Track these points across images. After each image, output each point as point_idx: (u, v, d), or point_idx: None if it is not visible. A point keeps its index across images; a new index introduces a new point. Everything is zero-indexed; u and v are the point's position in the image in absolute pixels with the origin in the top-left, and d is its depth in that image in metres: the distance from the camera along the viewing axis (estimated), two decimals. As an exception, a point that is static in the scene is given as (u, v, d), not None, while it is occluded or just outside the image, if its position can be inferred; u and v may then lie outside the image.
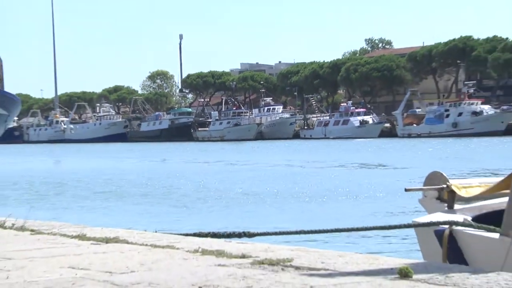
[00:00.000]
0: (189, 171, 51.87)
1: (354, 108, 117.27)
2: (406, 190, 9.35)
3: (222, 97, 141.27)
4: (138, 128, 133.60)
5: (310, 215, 25.32)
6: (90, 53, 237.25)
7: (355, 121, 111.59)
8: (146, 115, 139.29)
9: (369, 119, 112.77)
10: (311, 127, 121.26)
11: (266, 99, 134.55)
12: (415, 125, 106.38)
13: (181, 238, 6.08)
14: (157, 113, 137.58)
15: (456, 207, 7.82)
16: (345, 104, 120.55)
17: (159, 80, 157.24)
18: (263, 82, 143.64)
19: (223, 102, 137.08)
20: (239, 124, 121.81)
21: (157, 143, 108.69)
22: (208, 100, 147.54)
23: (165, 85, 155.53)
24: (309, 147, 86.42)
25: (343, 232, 8.83)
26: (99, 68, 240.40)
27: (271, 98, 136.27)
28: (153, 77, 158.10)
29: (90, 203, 32.16)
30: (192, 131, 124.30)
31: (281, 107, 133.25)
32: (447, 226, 7.23)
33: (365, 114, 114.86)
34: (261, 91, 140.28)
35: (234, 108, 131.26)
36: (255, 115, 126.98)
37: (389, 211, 24.10)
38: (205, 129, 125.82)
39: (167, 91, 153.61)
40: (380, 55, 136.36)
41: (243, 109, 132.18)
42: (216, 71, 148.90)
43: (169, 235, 6.46)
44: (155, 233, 6.60)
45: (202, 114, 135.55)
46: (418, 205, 8.63)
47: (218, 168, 54.44)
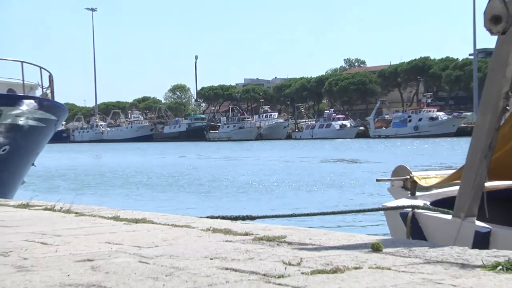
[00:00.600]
0: (203, 165, 51.87)
1: (335, 114, 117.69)
2: (377, 180, 9.40)
3: (229, 106, 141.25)
4: (161, 130, 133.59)
5: (300, 200, 25.27)
6: (123, 69, 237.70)
7: (336, 125, 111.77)
8: (168, 120, 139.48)
9: (347, 123, 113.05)
10: (300, 130, 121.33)
11: (265, 107, 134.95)
12: (384, 128, 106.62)
13: (196, 219, 6.07)
14: (177, 118, 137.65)
15: (417, 194, 7.80)
16: (328, 111, 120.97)
17: (179, 92, 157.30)
18: (262, 94, 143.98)
19: (230, 109, 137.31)
20: (243, 127, 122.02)
21: (176, 143, 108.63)
22: (218, 108, 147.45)
23: (183, 96, 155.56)
24: (299, 146, 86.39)
25: (327, 215, 8.82)
26: (130, 81, 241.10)
27: (269, 106, 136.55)
28: (173, 89, 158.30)
29: (123, 190, 32.16)
30: (205, 133, 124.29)
31: (277, 113, 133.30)
32: (410, 210, 7.21)
33: (344, 119, 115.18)
34: (260, 101, 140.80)
35: (239, 115, 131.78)
36: (255, 120, 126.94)
37: (363, 198, 24.06)
38: (216, 131, 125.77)
39: (185, 101, 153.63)
40: (356, 72, 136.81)
41: (246, 115, 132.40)
42: (224, 85, 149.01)
43: (186, 217, 6.46)
44: (175, 215, 6.59)
45: (213, 119, 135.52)
46: (387, 193, 8.62)
47: (226, 163, 54.42)
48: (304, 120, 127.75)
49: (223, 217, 6.50)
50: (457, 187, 6.76)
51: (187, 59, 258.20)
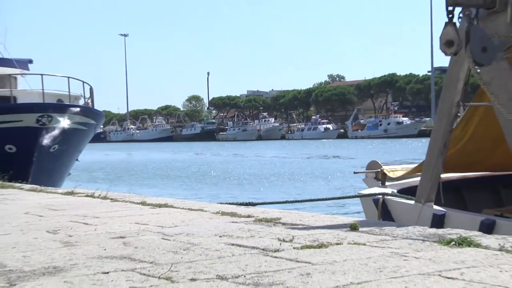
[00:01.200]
0: (213, 160, 51.88)
1: (320, 119, 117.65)
2: (355, 173, 9.41)
3: (234, 112, 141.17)
4: (180, 132, 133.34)
5: (293, 189, 25.29)
6: (149, 82, 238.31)
7: (321, 128, 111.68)
8: (185, 124, 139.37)
9: (330, 126, 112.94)
10: (292, 132, 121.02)
11: (263, 114, 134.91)
12: (360, 130, 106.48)
13: (208, 204, 6.07)
14: (192, 123, 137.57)
15: (387, 184, 7.80)
16: (315, 117, 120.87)
17: (194, 101, 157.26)
18: (261, 103, 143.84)
19: (235, 115, 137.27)
20: (245, 130, 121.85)
21: (192, 142, 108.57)
22: (226, 114, 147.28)
23: (197, 105, 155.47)
24: (291, 145, 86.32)
25: (314, 201, 8.82)
26: (155, 92, 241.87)
27: (267, 113, 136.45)
28: (190, 99, 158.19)
29: (150, 181, 32.16)
30: (215, 134, 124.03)
31: (273, 119, 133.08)
32: (380, 196, 7.21)
33: (327, 123, 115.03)
34: (260, 108, 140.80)
35: (243, 120, 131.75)
36: (256, 124, 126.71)
37: (343, 187, 24.03)
38: (224, 133, 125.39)
39: (199, 108, 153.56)
40: (337, 85, 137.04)
41: (248, 120, 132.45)
42: (231, 95, 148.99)
43: (200, 202, 6.46)
44: (191, 201, 6.59)
45: (221, 123, 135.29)
46: (362, 183, 8.60)
47: (232, 159, 54.41)
48: (295, 124, 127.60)
49: (230, 203, 6.50)
50: (419, 178, 6.77)
51: (201, 74, 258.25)
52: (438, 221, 5.86)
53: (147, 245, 3.85)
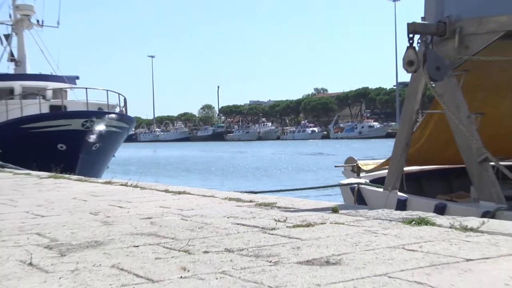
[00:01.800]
0: (222, 156, 51.92)
1: (308, 124, 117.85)
2: (335, 166, 9.41)
3: (239, 118, 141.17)
4: (196, 134, 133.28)
5: (287, 180, 25.30)
6: (171, 93, 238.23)
7: (309, 130, 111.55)
8: (200, 127, 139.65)
9: (316, 129, 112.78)
10: (285, 134, 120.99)
11: (263, 119, 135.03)
12: (339, 132, 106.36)
13: (218, 192, 6.06)
14: (206, 126, 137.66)
15: (361, 175, 7.80)
16: (303, 122, 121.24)
17: (207, 109, 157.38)
18: (261, 110, 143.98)
19: (240, 120, 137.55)
20: (248, 132, 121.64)
21: (205, 142, 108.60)
22: (232, 119, 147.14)
23: (210, 112, 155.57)
24: (284, 144, 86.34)
25: (303, 190, 8.81)
26: (176, 101, 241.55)
27: (265, 118, 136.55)
28: (204, 107, 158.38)
29: (172, 173, 32.23)
30: (224, 135, 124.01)
31: (270, 123, 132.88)
32: (356, 185, 7.21)
33: (313, 127, 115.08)
34: (260, 115, 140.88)
35: (246, 124, 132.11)
36: (256, 128, 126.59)
37: (326, 178, 24.05)
38: (231, 134, 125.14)
39: (211, 115, 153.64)
40: (321, 96, 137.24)
41: (250, 124, 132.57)
42: (236, 104, 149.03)
43: (212, 190, 6.45)
44: (205, 189, 6.58)
45: (229, 127, 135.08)
46: (341, 174, 8.58)
47: (237, 155, 54.45)
48: (288, 128, 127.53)
49: (236, 191, 6.50)
50: (386, 171, 6.77)
51: (212, 87, 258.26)
52: (402, 205, 5.86)
53: (169, 224, 3.85)
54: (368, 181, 7.36)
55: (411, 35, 5.73)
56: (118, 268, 2.59)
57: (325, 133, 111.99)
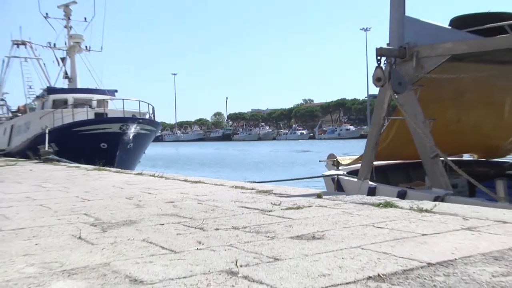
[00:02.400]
0: (230, 153, 51.90)
1: (298, 127, 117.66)
2: (320, 161, 9.32)
3: (243, 123, 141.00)
4: (209, 135, 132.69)
5: (282, 172, 25.25)
6: (190, 102, 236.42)
7: (298, 132, 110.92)
8: (212, 130, 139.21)
9: (304, 132, 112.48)
10: (280, 135, 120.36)
11: (262, 124, 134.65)
12: (323, 134, 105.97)
13: (227, 181, 6.05)
14: (217, 129, 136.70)
15: (340, 168, 7.76)
16: (294, 126, 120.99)
17: (218, 115, 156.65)
18: (260, 117, 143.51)
19: (244, 125, 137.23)
20: (250, 134, 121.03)
21: (216, 142, 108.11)
22: (238, 124, 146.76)
23: (220, 118, 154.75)
24: (279, 144, 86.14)
25: (294, 180, 8.76)
26: (193, 108, 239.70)
27: (264, 123, 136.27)
28: (215, 114, 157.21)
29: (190, 166, 32.14)
30: (231, 137, 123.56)
31: (268, 127, 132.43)
32: (336, 176, 7.18)
33: (302, 130, 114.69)
34: (260, 120, 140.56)
35: (248, 128, 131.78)
36: (257, 130, 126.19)
37: (313, 170, 23.98)
38: (237, 136, 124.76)
39: (221, 120, 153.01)
40: (308, 105, 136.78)
41: (252, 128, 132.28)
42: (241, 112, 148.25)
43: (222, 180, 6.44)
44: (216, 179, 6.57)
45: (235, 130, 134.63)
46: (324, 168, 8.57)
47: (242, 152, 54.39)
48: (282, 130, 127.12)
49: (240, 181, 6.49)
50: (359, 164, 6.74)
51: (222, 98, 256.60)
52: (372, 192, 5.84)
53: (188, 207, 3.84)
54: (345, 172, 7.33)
55: (378, 57, 5.74)
56: (147, 242, 2.59)
57: (311, 134, 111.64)
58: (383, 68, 5.77)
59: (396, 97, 5.74)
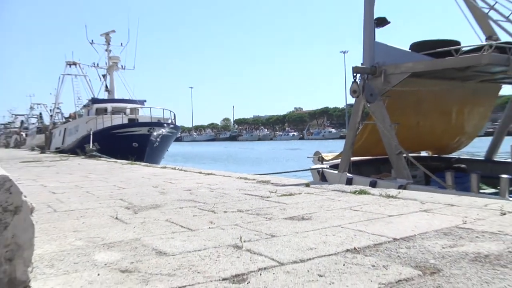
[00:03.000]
0: (235, 151, 51.80)
1: (290, 130, 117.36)
2: (308, 157, 9.28)
3: (247, 127, 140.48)
4: (219, 136, 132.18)
5: (278, 166, 25.21)
6: (203, 109, 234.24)
7: (290, 134, 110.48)
8: (221, 132, 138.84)
9: (295, 134, 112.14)
10: (276, 137, 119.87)
11: (262, 127, 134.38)
12: (310, 136, 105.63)
13: (233, 173, 6.03)
14: (225, 132, 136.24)
15: (324, 163, 7.74)
16: (287, 129, 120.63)
17: (226, 120, 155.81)
18: (260, 122, 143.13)
19: (247, 128, 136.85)
20: (252, 135, 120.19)
21: (225, 142, 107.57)
22: (242, 127, 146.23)
23: (228, 123, 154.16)
24: (275, 143, 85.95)
25: (287, 172, 8.73)
26: (205, 115, 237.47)
27: (263, 127, 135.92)
28: (224, 120, 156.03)
29: (203, 161, 32.06)
30: (237, 138, 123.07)
31: (266, 130, 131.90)
32: (321, 169, 7.17)
33: (293, 132, 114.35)
34: (259, 124, 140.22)
35: (250, 131, 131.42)
36: (257, 132, 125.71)
37: (302, 164, 23.93)
38: (241, 137, 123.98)
39: (228, 124, 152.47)
40: (298, 112, 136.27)
41: (253, 130, 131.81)
42: (245, 118, 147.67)
43: (229, 172, 6.41)
44: (224, 171, 6.54)
45: (240, 132, 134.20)
46: (311, 162, 8.54)
47: (245, 150, 54.33)
48: (277, 132, 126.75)
49: (244, 173, 6.46)
50: (339, 160, 6.73)
51: (229, 106, 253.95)
52: (349, 182, 5.83)
53: (202, 194, 3.82)
54: (328, 166, 7.32)
55: (354, 74, 5.77)
56: (169, 221, 2.57)
57: (301, 136, 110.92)
58: (358, 82, 5.78)
59: (369, 105, 5.75)
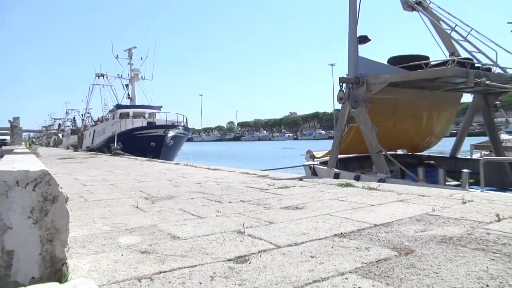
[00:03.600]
0: (239, 150, 51.71)
1: (286, 131, 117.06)
2: (301, 155, 9.25)
3: (248, 129, 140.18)
4: (224, 137, 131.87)
5: (275, 162, 25.14)
6: (210, 114, 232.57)
7: (286, 135, 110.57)
8: (227, 133, 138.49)
9: (290, 134, 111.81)
10: (273, 137, 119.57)
11: (261, 129, 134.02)
12: (303, 136, 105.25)
13: (236, 169, 6.01)
14: (230, 133, 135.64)
15: (315, 160, 7.73)
16: (283, 131, 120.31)
17: (230, 123, 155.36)
18: (260, 125, 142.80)
19: (249, 130, 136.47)
20: (253, 136, 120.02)
21: (230, 142, 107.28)
22: (244, 129, 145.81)
23: (232, 125, 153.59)
24: (273, 143, 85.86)
25: (284, 168, 8.70)
26: (213, 118, 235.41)
27: (262, 129, 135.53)
28: (229, 123, 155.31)
29: (211, 158, 32.01)
30: (240, 138, 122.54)
31: (265, 131, 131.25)
32: (312, 165, 7.15)
33: (289, 133, 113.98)
34: (260, 127, 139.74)
35: (252, 132, 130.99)
36: (257, 134, 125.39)
37: (296, 161, 23.84)
38: (244, 137, 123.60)
39: (233, 127, 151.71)
40: (293, 116, 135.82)
41: (254, 132, 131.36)
42: (246, 121, 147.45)
43: (233, 168, 6.38)
44: (229, 167, 6.51)
45: (242, 134, 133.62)
46: (304, 159, 8.52)
47: (247, 148, 54.22)
48: (275, 134, 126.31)
49: (246, 169, 6.44)
50: (328, 157, 6.71)
51: (233, 111, 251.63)
52: (337, 176, 5.80)
53: (210, 186, 3.82)
54: (319, 163, 7.31)
55: (341, 84, 5.77)
56: (182, 210, 2.57)
57: (295, 137, 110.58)
58: (344, 91, 5.78)
59: (353, 111, 5.75)
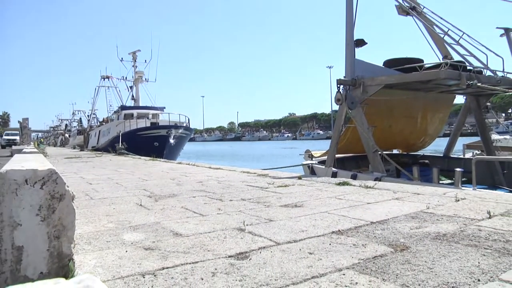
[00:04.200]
0: (240, 149, 51.67)
1: (285, 132, 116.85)
2: (300, 154, 9.23)
3: (249, 129, 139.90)
4: (225, 137, 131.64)
5: (275, 162, 25.13)
6: (212, 115, 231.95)
7: (285, 135, 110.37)
8: (228, 134, 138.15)
9: (289, 135, 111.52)
10: (273, 137, 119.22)
11: (261, 129, 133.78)
12: (302, 136, 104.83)
13: (237, 168, 6.00)
14: (231, 133, 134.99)
15: (313, 159, 7.71)
16: (283, 131, 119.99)
17: (231, 124, 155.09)
18: (260, 125, 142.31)
19: (249, 130, 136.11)
20: (253, 136, 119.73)
21: (231, 142, 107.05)
22: (245, 129, 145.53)
23: (233, 126, 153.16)
24: (272, 143, 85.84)
25: (283, 167, 8.68)
26: (214, 119, 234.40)
27: (262, 129, 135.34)
28: (229, 123, 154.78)
29: (213, 157, 32.01)
30: (241, 138, 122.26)
31: (265, 132, 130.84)
32: (310, 164, 7.15)
33: (288, 133, 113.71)
34: (259, 127, 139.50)
35: (252, 132, 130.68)
36: (258, 134, 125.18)
37: (295, 160, 23.80)
38: (244, 137, 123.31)
39: (234, 127, 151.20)
40: (292, 117, 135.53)
41: (254, 132, 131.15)
42: (247, 121, 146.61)
43: (234, 167, 6.37)
44: (230, 166, 6.49)
45: (243, 134, 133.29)
46: (303, 159, 8.51)
47: (248, 148, 54.19)
48: (274, 134, 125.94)
49: (246, 168, 6.43)
50: (326, 157, 6.71)
51: (234, 111, 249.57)
52: (334, 175, 5.81)
53: (211, 185, 3.81)
54: (317, 162, 7.31)
55: (338, 85, 5.77)
56: (184, 208, 2.57)
57: (294, 137, 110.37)
58: (342, 92, 5.77)
59: (350, 111, 5.73)
